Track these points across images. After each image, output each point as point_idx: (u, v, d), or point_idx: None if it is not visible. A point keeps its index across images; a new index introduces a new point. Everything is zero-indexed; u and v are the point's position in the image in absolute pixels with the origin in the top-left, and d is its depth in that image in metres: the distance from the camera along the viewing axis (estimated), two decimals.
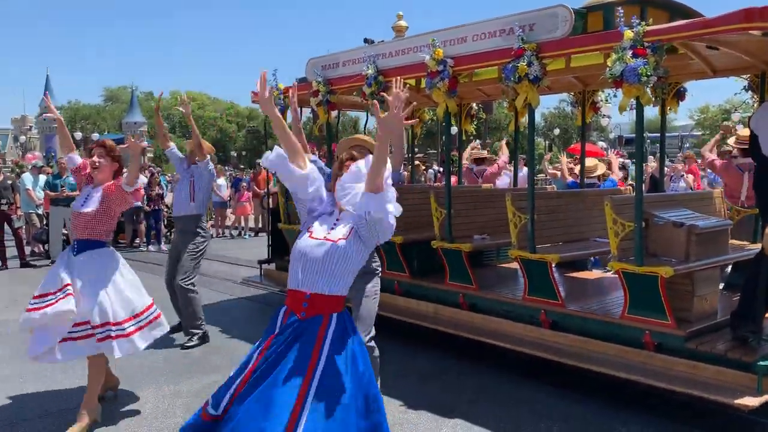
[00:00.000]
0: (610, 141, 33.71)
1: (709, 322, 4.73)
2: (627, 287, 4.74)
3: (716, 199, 6.19)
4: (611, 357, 4.73)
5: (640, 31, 4.23)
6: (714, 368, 4.24)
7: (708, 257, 4.81)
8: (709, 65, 5.56)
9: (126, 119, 54.14)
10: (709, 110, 49.70)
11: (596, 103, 7.10)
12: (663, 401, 4.62)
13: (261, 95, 2.84)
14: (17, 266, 11.57)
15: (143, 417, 4.60)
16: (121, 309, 4.42)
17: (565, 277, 6.59)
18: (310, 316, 2.69)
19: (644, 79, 4.20)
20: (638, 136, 4.81)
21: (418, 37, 6.06)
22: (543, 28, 4.94)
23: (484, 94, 7.93)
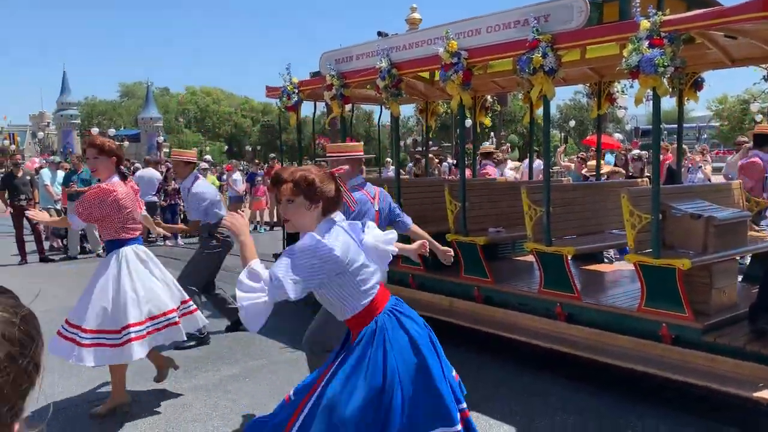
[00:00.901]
0: (626, 132, 33.40)
1: (728, 314, 4.69)
2: (644, 280, 4.70)
3: (734, 190, 6.12)
4: (627, 350, 4.71)
5: (657, 21, 4.17)
6: (732, 361, 4.20)
7: (726, 249, 4.76)
8: (727, 55, 5.48)
9: (142, 114, 54.35)
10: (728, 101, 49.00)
11: (612, 94, 7.03)
12: (680, 394, 4.58)
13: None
14: (36, 260, 11.71)
15: (162, 410, 4.65)
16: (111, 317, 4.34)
17: (581, 270, 6.56)
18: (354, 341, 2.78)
19: (661, 69, 4.16)
20: (655, 127, 4.77)
21: (431, 30, 6.04)
22: (558, 19, 4.90)
23: (498, 87, 7.88)
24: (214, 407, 4.70)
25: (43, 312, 5.00)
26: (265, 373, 5.43)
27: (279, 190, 2.73)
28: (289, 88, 7.43)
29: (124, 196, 4.47)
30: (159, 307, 4.48)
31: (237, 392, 4.98)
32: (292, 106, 7.55)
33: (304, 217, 2.73)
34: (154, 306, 4.46)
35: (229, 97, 76.92)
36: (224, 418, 4.49)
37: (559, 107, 53.24)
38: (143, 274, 4.52)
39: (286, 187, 2.70)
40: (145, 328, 4.36)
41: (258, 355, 5.92)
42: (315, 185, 2.68)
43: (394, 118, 6.70)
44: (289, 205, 2.71)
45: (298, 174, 2.70)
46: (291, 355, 5.88)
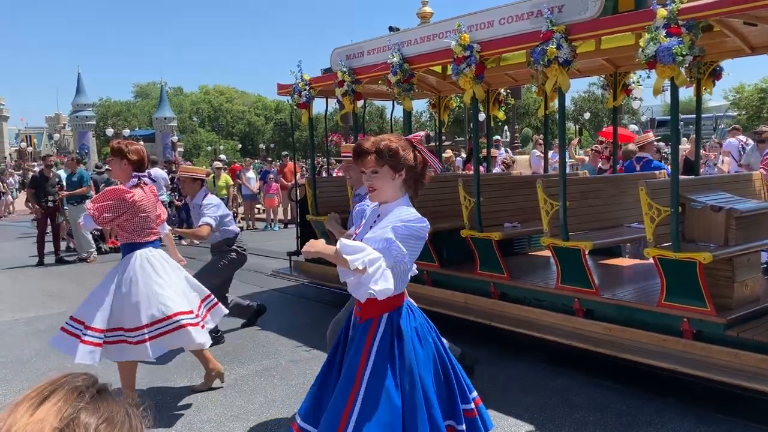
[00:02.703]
0: (641, 124, 33.03)
1: (751, 308, 4.58)
2: (663, 274, 4.61)
3: (755, 181, 5.99)
4: (648, 346, 4.62)
5: (674, 9, 4.07)
6: (756, 356, 4.09)
7: (749, 242, 4.65)
8: (747, 42, 5.35)
9: (156, 114, 54.77)
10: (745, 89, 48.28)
11: (628, 85, 6.91)
12: (702, 390, 4.49)
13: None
14: (52, 261, 11.79)
15: (177, 411, 4.63)
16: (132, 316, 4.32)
17: (599, 265, 6.46)
18: (363, 321, 2.78)
19: (679, 59, 4.06)
20: (673, 118, 4.66)
21: (443, 23, 5.96)
22: (572, 9, 4.81)
23: (512, 79, 7.78)
24: (229, 407, 4.67)
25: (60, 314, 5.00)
26: (279, 372, 5.40)
27: (362, 161, 2.72)
28: (300, 85, 7.39)
29: (142, 199, 4.44)
30: (166, 310, 4.36)
31: (251, 392, 4.95)
32: (304, 104, 7.51)
33: (389, 187, 2.71)
34: (165, 308, 4.37)
35: (242, 96, 77.31)
36: (239, 418, 4.47)
37: (573, 99, 52.82)
38: (159, 276, 4.46)
39: (369, 159, 2.69)
40: (155, 329, 4.31)
41: (272, 354, 5.89)
42: (398, 154, 2.67)
43: (406, 114, 6.63)
44: (374, 176, 2.70)
45: (381, 144, 2.68)
46: (305, 354, 5.85)
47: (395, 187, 2.72)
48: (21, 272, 10.96)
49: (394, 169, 2.69)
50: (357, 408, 2.61)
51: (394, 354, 2.67)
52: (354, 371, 2.70)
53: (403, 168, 2.70)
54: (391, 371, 2.64)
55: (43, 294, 8.91)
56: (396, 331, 2.71)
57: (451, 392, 2.78)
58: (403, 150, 2.69)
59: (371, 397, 2.61)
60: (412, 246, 2.62)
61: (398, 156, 2.67)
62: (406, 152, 2.70)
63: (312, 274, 8.16)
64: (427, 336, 2.78)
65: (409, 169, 2.72)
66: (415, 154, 2.74)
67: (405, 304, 2.81)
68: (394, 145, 2.67)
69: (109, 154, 4.63)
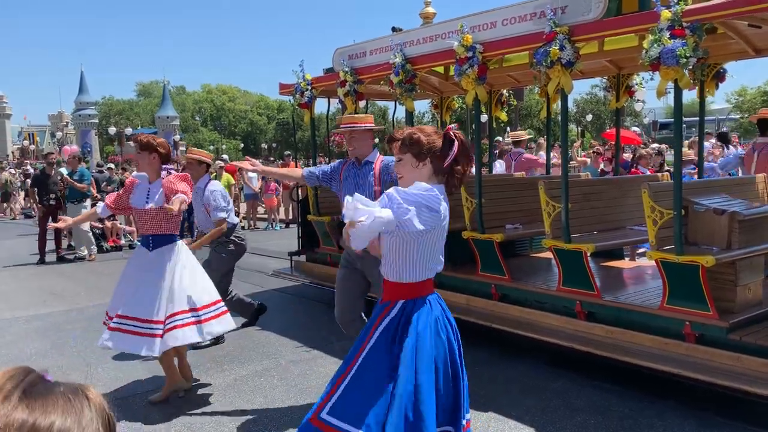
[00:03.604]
0: (644, 126, 32.97)
1: (753, 312, 4.56)
2: (666, 277, 4.59)
3: (759, 184, 5.96)
4: (649, 349, 4.60)
5: (678, 11, 4.05)
6: (759, 360, 4.07)
7: (752, 245, 4.63)
8: (751, 45, 5.33)
9: (159, 113, 54.87)
10: (747, 92, 48.26)
11: (631, 87, 6.88)
12: (703, 394, 4.47)
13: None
14: (53, 260, 11.79)
15: (177, 410, 4.61)
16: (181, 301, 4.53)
17: (601, 267, 6.44)
18: (382, 302, 2.86)
19: (683, 61, 4.04)
20: (676, 120, 4.64)
21: (446, 23, 5.95)
22: (575, 10, 4.79)
23: (514, 81, 7.77)
24: (229, 407, 4.66)
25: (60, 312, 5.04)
26: (279, 372, 5.39)
27: (391, 148, 2.86)
28: (302, 85, 7.37)
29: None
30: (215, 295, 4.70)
31: (251, 392, 4.94)
32: (306, 103, 7.49)
33: (413, 175, 2.76)
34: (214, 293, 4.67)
35: (245, 95, 77.37)
36: (239, 418, 4.45)
37: (575, 101, 52.81)
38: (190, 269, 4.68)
39: (395, 146, 2.81)
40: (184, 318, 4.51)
41: (273, 354, 5.87)
42: (420, 143, 2.73)
43: (408, 114, 6.61)
44: (398, 162, 2.82)
45: (406, 133, 2.79)
46: (305, 354, 5.83)
47: (421, 175, 2.75)
48: (22, 270, 10.96)
49: (416, 157, 2.74)
50: (349, 377, 2.71)
51: (396, 339, 2.69)
52: (357, 347, 2.80)
53: (427, 157, 2.74)
54: (387, 353, 2.67)
55: (43, 292, 8.91)
56: (407, 319, 2.72)
57: (457, 398, 2.76)
58: (428, 141, 2.73)
59: (363, 371, 2.69)
60: (424, 216, 2.57)
61: (420, 144, 2.72)
62: (432, 142, 2.74)
63: (313, 274, 8.15)
64: (440, 333, 2.74)
65: (435, 158, 2.74)
66: (445, 145, 2.74)
67: (428, 297, 2.80)
68: (417, 134, 2.74)
69: (137, 149, 4.67)
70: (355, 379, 2.70)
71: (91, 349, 5.99)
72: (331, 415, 2.66)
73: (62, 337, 6.55)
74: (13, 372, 0.86)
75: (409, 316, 2.72)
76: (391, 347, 2.68)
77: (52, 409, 0.81)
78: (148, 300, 4.43)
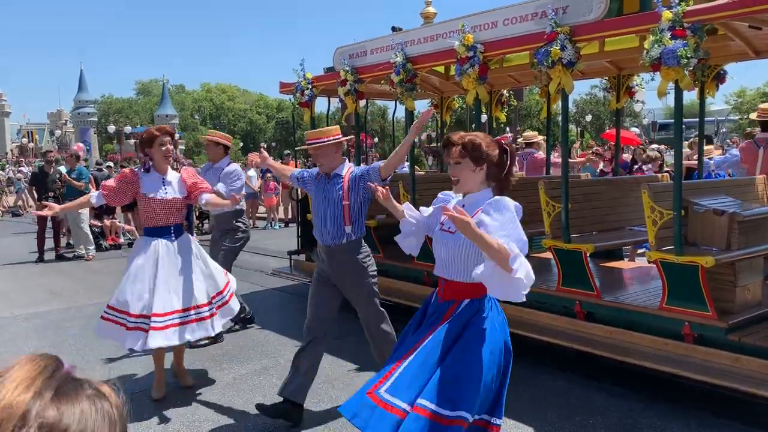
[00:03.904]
0: (643, 127, 32.98)
1: (753, 313, 4.56)
2: (665, 277, 4.59)
3: (758, 185, 5.97)
4: (649, 349, 4.59)
5: (679, 12, 4.05)
6: (758, 361, 4.07)
7: (751, 246, 4.63)
8: (751, 46, 5.34)
9: (158, 112, 54.87)
10: (746, 94, 48.30)
11: (631, 87, 6.88)
12: (703, 395, 4.48)
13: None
14: (52, 258, 11.78)
15: (176, 409, 4.61)
16: (205, 292, 4.72)
17: (601, 267, 6.44)
18: (444, 301, 2.96)
19: (684, 61, 4.03)
20: (677, 121, 4.65)
21: (446, 23, 5.94)
22: (577, 10, 4.79)
23: (514, 81, 7.77)
24: (228, 405, 4.66)
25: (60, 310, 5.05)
26: (279, 371, 5.38)
27: (449, 152, 2.95)
28: (302, 83, 7.37)
29: None
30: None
31: (250, 390, 4.94)
32: (306, 102, 7.49)
33: (470, 178, 2.92)
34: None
35: (244, 94, 77.31)
36: (238, 417, 4.45)
37: (575, 102, 52.84)
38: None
39: (454, 150, 2.92)
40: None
41: (271, 353, 5.87)
42: (481, 148, 2.87)
43: (408, 114, 6.61)
44: (456, 166, 2.93)
45: (466, 138, 2.91)
46: None
47: (477, 179, 2.91)
48: (20, 268, 10.95)
49: (475, 162, 2.88)
50: (407, 361, 2.80)
51: (460, 332, 2.81)
52: (418, 338, 2.89)
53: (485, 163, 2.88)
54: (444, 345, 2.78)
55: (42, 290, 8.90)
56: (474, 313, 2.85)
57: (498, 398, 2.90)
58: (486, 146, 2.88)
59: (426, 356, 2.77)
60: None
61: (480, 150, 2.86)
62: (490, 149, 2.89)
63: (312, 273, 8.13)
64: (498, 327, 2.89)
65: (491, 165, 2.90)
66: (500, 154, 2.92)
67: (488, 296, 2.89)
68: (478, 140, 2.89)
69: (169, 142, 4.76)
70: (414, 363, 2.79)
71: (89, 347, 6.00)
72: (387, 392, 2.76)
73: (61, 335, 6.55)
74: (42, 363, 0.86)
75: (475, 311, 2.86)
76: (455, 338, 2.80)
77: (79, 412, 0.83)
78: (187, 287, 4.60)
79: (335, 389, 4.94)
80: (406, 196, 6.63)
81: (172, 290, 4.52)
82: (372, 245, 7.02)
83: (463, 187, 2.95)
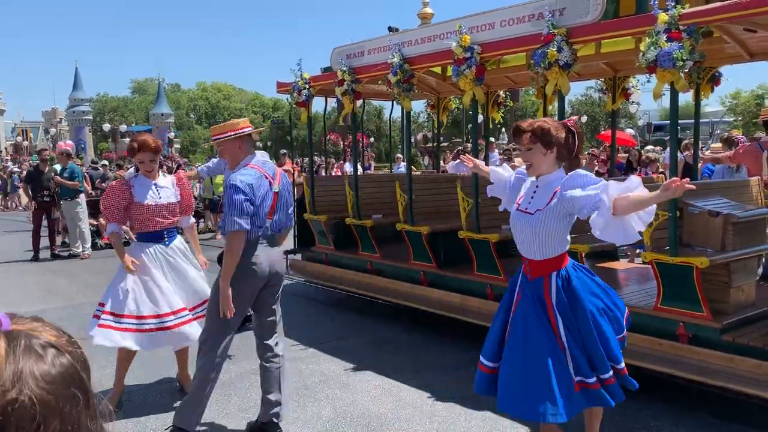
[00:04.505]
0: (638, 128, 33.08)
1: (746, 313, 4.59)
2: (660, 278, 4.62)
3: (753, 187, 6.01)
4: (643, 349, 4.62)
5: (675, 14, 4.08)
6: (752, 361, 4.11)
7: (745, 247, 4.66)
8: (746, 49, 5.38)
9: (153, 110, 54.75)
10: (741, 96, 48.44)
11: (627, 89, 6.92)
12: (698, 394, 4.51)
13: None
14: (47, 257, 11.76)
15: (172, 407, 4.62)
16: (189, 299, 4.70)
17: (596, 267, 6.47)
18: (534, 278, 3.23)
19: (679, 63, 4.07)
20: (672, 122, 4.68)
21: (444, 24, 5.97)
22: (573, 12, 4.82)
23: (511, 82, 7.80)
24: (224, 405, 4.67)
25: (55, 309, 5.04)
26: None
27: (519, 139, 3.19)
28: (300, 83, 7.39)
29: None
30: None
31: (247, 389, 4.95)
32: (303, 102, 7.51)
33: (542, 162, 3.15)
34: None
35: (240, 93, 77.18)
36: (234, 416, 4.46)
37: (570, 103, 52.89)
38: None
39: (525, 137, 3.14)
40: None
41: None
42: (550, 133, 3.09)
43: (405, 114, 6.63)
44: (528, 152, 3.15)
45: (536, 124, 3.13)
46: (300, 352, 5.84)
47: (549, 162, 3.14)
48: (15, 267, 10.92)
49: (546, 146, 3.10)
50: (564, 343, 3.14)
51: (569, 308, 3.14)
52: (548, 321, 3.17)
53: (555, 146, 3.10)
54: (567, 324, 3.14)
55: (38, 289, 8.89)
56: (566, 287, 3.16)
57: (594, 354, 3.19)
58: (555, 130, 3.10)
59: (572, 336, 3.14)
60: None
61: (550, 135, 3.08)
62: (559, 132, 3.11)
63: (307, 272, 8.16)
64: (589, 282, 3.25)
65: (561, 146, 3.12)
66: (567, 135, 3.13)
67: (571, 263, 3.27)
68: (547, 125, 3.10)
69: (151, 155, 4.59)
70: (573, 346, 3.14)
71: (85, 346, 5.98)
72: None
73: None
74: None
75: (566, 282, 3.17)
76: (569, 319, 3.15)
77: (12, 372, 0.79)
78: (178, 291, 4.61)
79: (331, 388, 4.96)
80: (403, 196, 6.65)
81: (164, 293, 4.50)
82: (369, 245, 7.08)
83: (537, 170, 3.18)
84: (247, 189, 3.74)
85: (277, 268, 4.12)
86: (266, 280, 4.01)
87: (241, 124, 4.01)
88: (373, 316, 6.93)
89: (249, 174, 3.82)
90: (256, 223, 3.85)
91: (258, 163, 3.95)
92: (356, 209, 7.23)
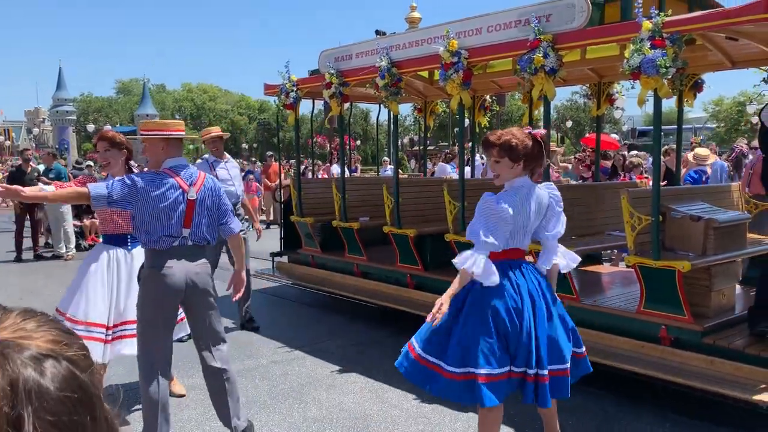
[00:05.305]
0: (622, 133, 33.42)
1: (727, 317, 4.68)
2: (643, 282, 4.69)
3: (734, 192, 6.11)
4: (627, 352, 4.69)
5: (659, 22, 4.16)
6: (731, 364, 4.19)
7: (726, 251, 4.75)
8: (728, 56, 5.47)
9: (138, 111, 54.30)
10: (723, 103, 49.11)
11: (612, 95, 7.01)
12: (680, 396, 4.57)
13: None
14: (30, 257, 11.64)
15: None
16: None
17: (580, 271, 6.54)
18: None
19: (663, 70, 4.14)
20: (656, 128, 4.75)
21: (432, 29, 6.01)
22: (559, 19, 4.88)
23: (497, 86, 7.87)
24: (211, 406, 4.65)
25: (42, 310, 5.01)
26: (261, 372, 5.40)
27: (488, 152, 3.37)
28: (287, 86, 7.39)
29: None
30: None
31: None
32: (291, 104, 7.52)
33: (509, 173, 3.35)
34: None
35: (226, 95, 76.88)
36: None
37: (556, 108, 53.34)
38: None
39: (494, 150, 3.32)
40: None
41: (253, 354, 5.88)
42: (517, 148, 3.25)
43: (393, 117, 6.67)
44: (496, 164, 3.36)
45: (503, 139, 3.28)
46: (287, 354, 5.85)
47: (516, 172, 3.33)
48: (1, 267, 10.82)
49: (513, 160, 3.28)
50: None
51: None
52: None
53: (522, 159, 3.27)
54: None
55: (21, 290, 8.81)
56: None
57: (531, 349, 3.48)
58: (522, 145, 3.25)
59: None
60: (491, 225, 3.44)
61: (517, 150, 3.25)
62: (525, 145, 3.26)
63: (294, 275, 8.17)
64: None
65: (528, 157, 3.29)
66: (534, 145, 3.29)
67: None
68: (514, 141, 3.25)
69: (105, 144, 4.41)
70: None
71: None
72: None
73: None
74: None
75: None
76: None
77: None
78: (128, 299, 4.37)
79: (317, 390, 4.97)
80: (390, 199, 6.68)
81: (114, 301, 4.37)
82: (355, 248, 7.10)
83: (503, 179, 3.39)
84: (120, 187, 3.50)
85: (197, 281, 3.73)
86: (182, 294, 3.69)
87: (173, 127, 3.79)
88: (359, 319, 6.95)
89: (145, 176, 3.64)
90: (159, 231, 3.59)
91: (172, 169, 3.69)
92: (343, 212, 7.25)
